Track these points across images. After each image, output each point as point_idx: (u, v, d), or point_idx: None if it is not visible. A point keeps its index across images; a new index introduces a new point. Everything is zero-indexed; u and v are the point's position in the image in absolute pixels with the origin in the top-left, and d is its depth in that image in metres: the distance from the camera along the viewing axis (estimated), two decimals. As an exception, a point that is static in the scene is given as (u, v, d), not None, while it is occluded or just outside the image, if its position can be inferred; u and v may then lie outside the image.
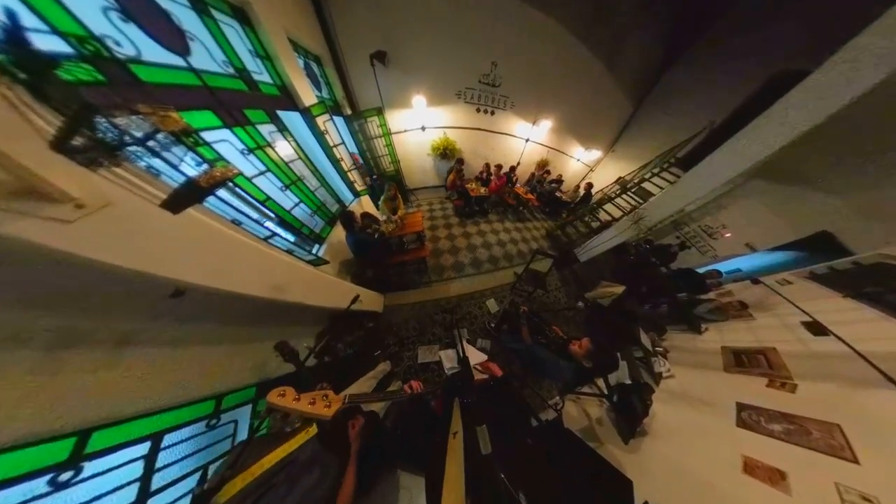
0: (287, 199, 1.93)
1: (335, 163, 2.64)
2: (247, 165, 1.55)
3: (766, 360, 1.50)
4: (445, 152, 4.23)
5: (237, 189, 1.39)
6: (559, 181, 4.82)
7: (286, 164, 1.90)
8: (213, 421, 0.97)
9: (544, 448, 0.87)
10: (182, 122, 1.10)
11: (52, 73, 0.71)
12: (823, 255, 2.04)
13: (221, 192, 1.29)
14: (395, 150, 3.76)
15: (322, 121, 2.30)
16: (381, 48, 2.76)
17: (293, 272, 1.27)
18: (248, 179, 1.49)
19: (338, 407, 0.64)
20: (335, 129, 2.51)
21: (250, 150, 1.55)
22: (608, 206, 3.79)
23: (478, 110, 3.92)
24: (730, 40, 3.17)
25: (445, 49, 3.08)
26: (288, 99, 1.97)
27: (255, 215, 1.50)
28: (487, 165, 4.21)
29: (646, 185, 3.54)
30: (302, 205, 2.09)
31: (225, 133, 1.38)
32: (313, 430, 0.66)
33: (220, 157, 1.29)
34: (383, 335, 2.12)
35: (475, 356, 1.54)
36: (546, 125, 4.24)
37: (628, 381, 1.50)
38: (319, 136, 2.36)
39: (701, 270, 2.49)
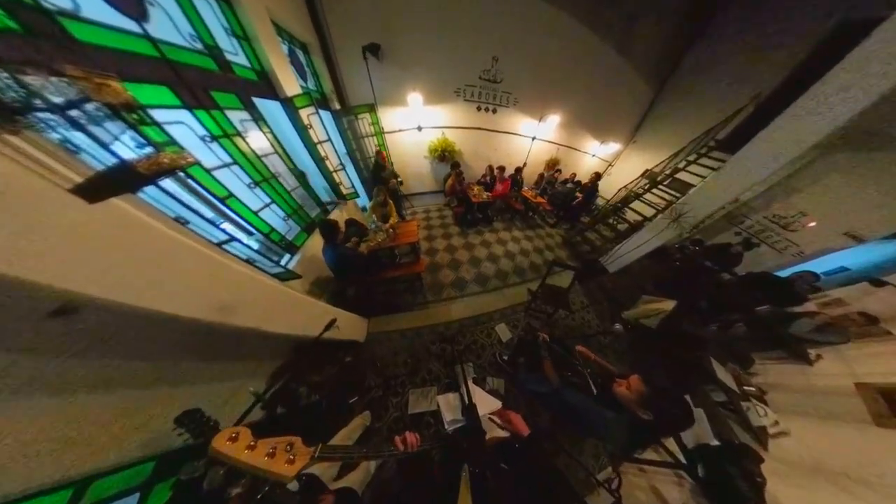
0: (255, 199, 1.82)
1: (319, 161, 2.60)
2: (208, 155, 1.45)
3: (951, 406, 1.07)
4: (444, 154, 4.31)
5: (190, 181, 1.27)
6: (575, 182, 4.86)
7: (259, 157, 1.82)
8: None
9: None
10: (125, 94, 1.01)
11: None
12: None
13: (167, 183, 1.16)
14: (388, 150, 3.79)
15: (306, 114, 2.29)
16: (375, 41, 2.89)
17: (250, 288, 1.10)
18: (207, 171, 1.38)
19: (304, 463, 0.49)
20: (321, 125, 2.50)
21: (214, 138, 1.47)
22: (636, 205, 3.65)
23: (478, 108, 4.07)
24: (767, 3, 3.13)
25: (443, 44, 3.26)
26: (267, 86, 1.96)
27: (209, 214, 1.36)
28: (490, 168, 4.27)
29: (680, 175, 3.41)
30: (274, 206, 1.98)
31: (183, 114, 1.30)
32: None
33: (173, 142, 1.19)
34: (364, 374, 1.86)
35: (485, 403, 1.32)
36: (554, 121, 4.41)
37: (715, 443, 1.17)
38: (302, 130, 2.34)
39: (784, 273, 2.16)
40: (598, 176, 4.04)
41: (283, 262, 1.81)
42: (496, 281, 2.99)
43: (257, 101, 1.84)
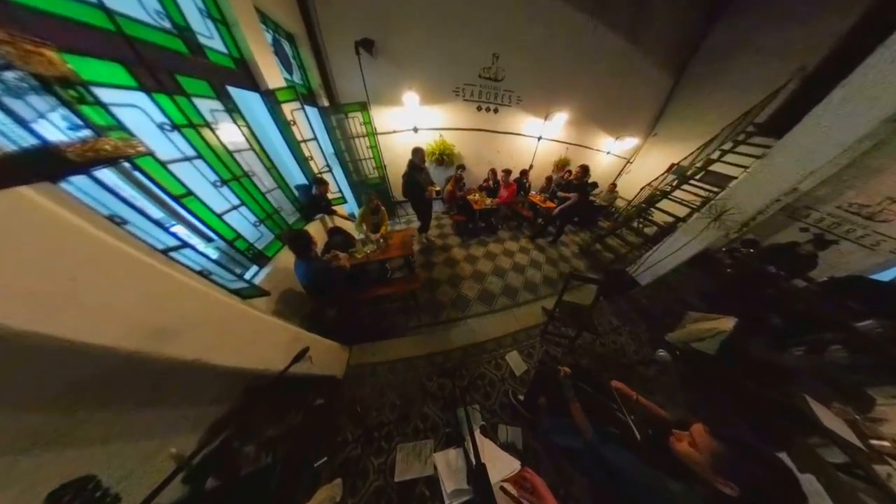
0: (222, 200, 1.72)
1: (302, 161, 2.58)
2: (165, 145, 1.38)
3: None
4: (442, 158, 4.36)
5: (137, 173, 1.17)
6: (591, 183, 4.89)
7: (229, 153, 1.75)
8: None
9: None
10: (62, 67, 0.94)
11: None
12: None
13: (106, 175, 1.06)
14: (380, 153, 3.82)
15: (290, 109, 2.30)
16: (368, 36, 3.00)
17: (198, 306, 0.96)
18: (162, 164, 1.29)
19: None
20: (306, 122, 2.50)
21: (175, 127, 1.40)
22: (664, 204, 3.57)
23: (479, 108, 4.20)
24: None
25: (440, 42, 3.41)
26: (245, 76, 1.96)
27: (158, 214, 1.25)
28: (493, 171, 4.31)
29: (715, 167, 3.35)
30: (244, 209, 1.89)
31: (139, 97, 1.24)
32: None
33: (121, 127, 1.11)
34: (337, 423, 1.60)
35: (499, 463, 1.14)
36: (561, 118, 4.53)
37: None
38: (284, 126, 2.33)
39: (885, 276, 1.91)
40: (584, 169, 3.38)
41: (247, 276, 1.67)
42: (504, 299, 2.85)
43: (233, 90, 1.82)
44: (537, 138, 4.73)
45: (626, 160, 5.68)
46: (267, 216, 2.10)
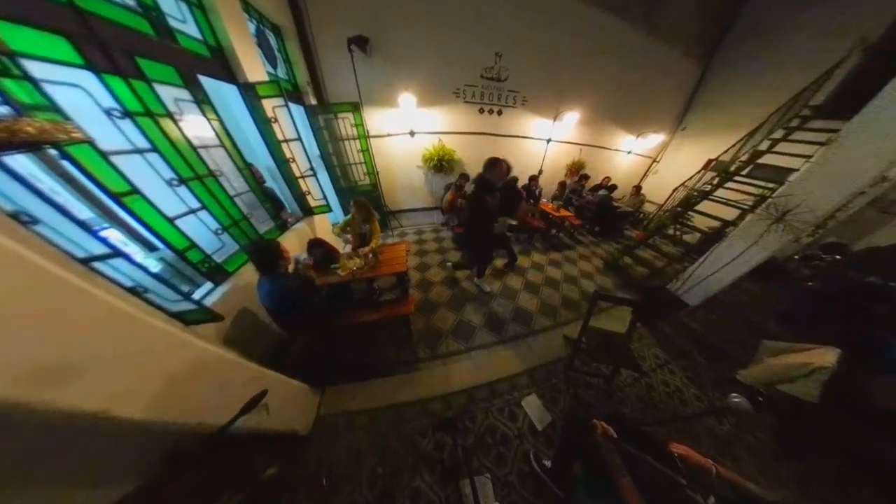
0: (177, 201, 1.62)
1: (282, 163, 2.55)
2: (112, 134, 1.30)
3: None
4: (441, 164, 4.40)
5: (65, 162, 1.07)
6: (608, 186, 4.90)
7: (193, 149, 1.69)
8: None
9: None
10: (-18, 31, 0.88)
11: None
12: None
13: (19, 161, 0.95)
14: (372, 157, 3.83)
15: (271, 105, 2.31)
16: (362, 33, 3.13)
17: (119, 335, 0.80)
18: (103, 155, 1.20)
19: None
20: (289, 120, 2.51)
21: (127, 114, 1.33)
22: (705, 206, 3.39)
23: (481, 111, 4.33)
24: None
25: (440, 40, 3.56)
26: (221, 66, 1.97)
27: (87, 214, 1.13)
28: None
29: (765, 159, 3.22)
30: (204, 213, 1.79)
31: (84, 76, 1.17)
32: None
33: (54, 107, 1.03)
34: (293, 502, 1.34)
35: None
36: (572, 118, 4.63)
37: None
38: (264, 123, 2.33)
39: None
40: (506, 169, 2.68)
41: (196, 295, 1.52)
42: (516, 326, 2.68)
43: (205, 80, 1.81)
44: (546, 141, 4.85)
45: (651, 159, 5.76)
46: (233, 223, 1.99)
